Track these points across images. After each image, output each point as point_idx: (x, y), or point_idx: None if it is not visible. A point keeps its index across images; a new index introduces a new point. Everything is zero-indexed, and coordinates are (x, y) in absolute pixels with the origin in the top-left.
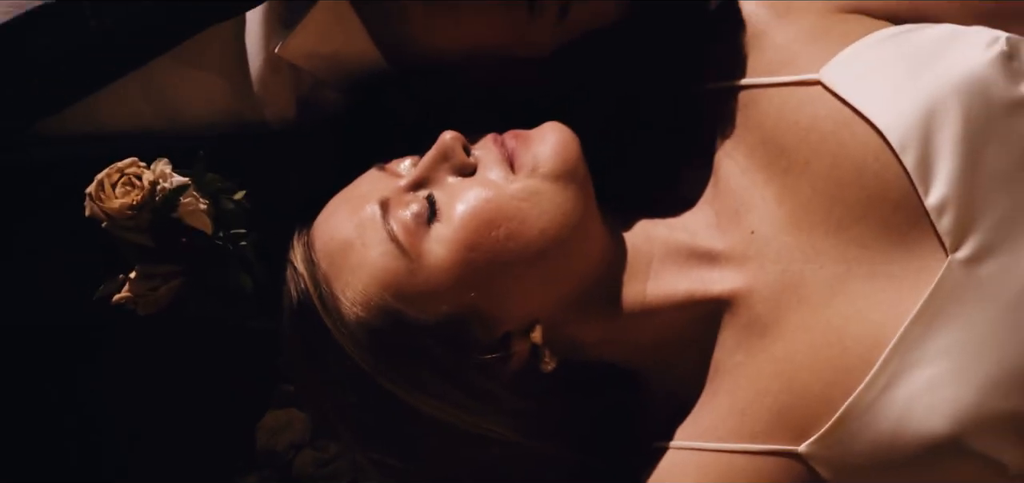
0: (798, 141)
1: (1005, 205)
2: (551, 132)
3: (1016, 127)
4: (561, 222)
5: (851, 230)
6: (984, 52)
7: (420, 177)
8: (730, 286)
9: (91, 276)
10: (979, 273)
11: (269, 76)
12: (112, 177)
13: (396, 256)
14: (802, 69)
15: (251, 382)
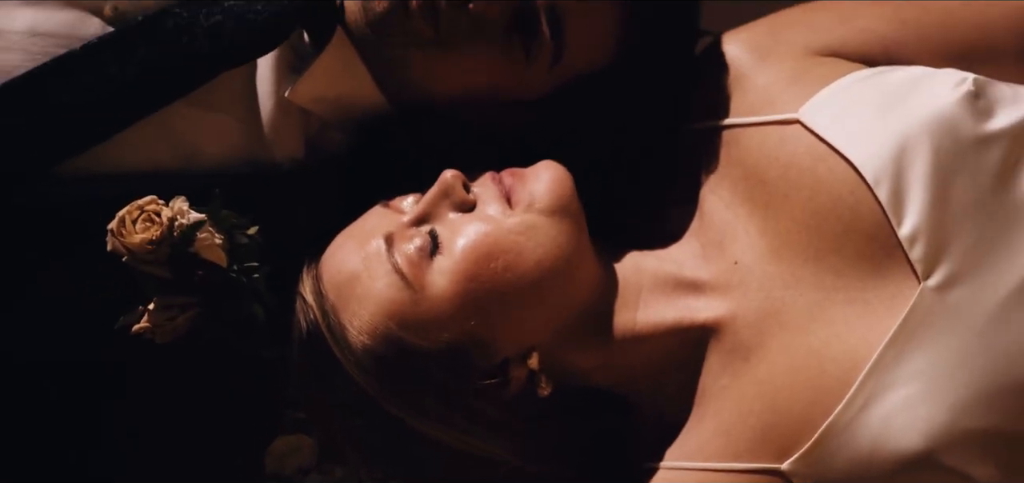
0: (778, 176)
1: (974, 235)
2: (546, 170)
3: (983, 161)
4: (556, 254)
5: (829, 259)
6: (952, 92)
7: (422, 213)
8: (715, 313)
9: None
10: (950, 299)
11: (279, 119)
12: (133, 214)
13: (400, 287)
14: (782, 109)
15: (261, 409)
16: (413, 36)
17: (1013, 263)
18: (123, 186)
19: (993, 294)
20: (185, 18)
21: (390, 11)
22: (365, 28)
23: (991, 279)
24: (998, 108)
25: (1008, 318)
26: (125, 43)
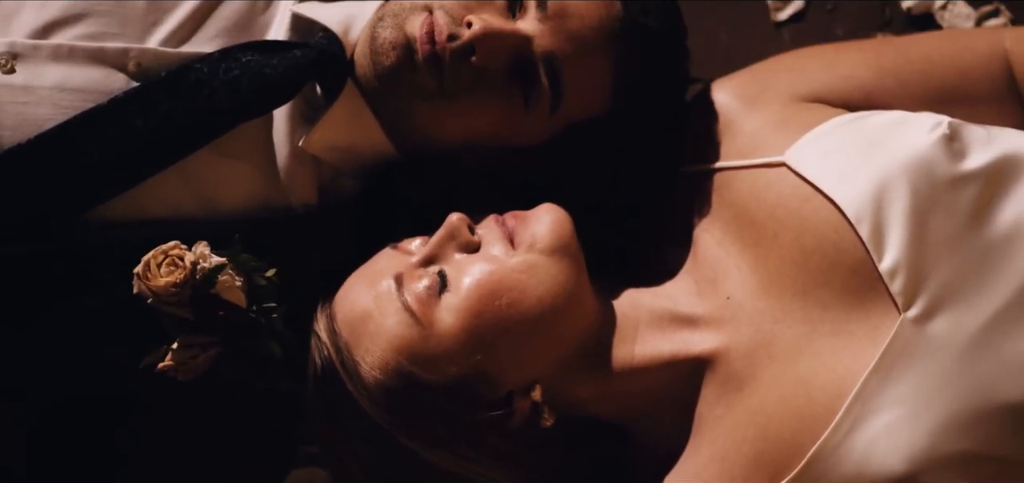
0: (767, 216)
1: (950, 268)
2: (546, 212)
3: (958, 200)
4: (557, 292)
5: (815, 293)
6: (928, 135)
7: (430, 254)
8: (709, 346)
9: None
10: (929, 329)
11: (294, 166)
12: (157, 258)
13: (410, 325)
14: (769, 153)
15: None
16: (419, 88)
17: (988, 295)
18: (148, 232)
19: (970, 324)
20: (205, 73)
21: (398, 65)
22: (374, 81)
23: (968, 310)
24: (972, 149)
25: (985, 346)
26: (149, 97)
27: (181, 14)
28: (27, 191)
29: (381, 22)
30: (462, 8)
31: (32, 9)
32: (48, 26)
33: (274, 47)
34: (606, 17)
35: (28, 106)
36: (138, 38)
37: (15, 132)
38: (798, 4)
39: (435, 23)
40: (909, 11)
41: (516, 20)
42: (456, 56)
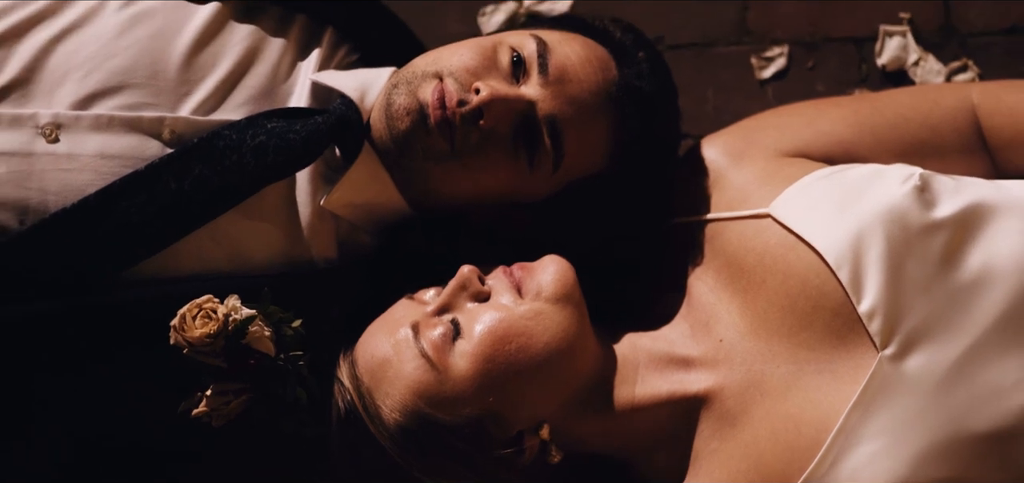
0: (755, 264)
1: (925, 309)
2: (551, 263)
3: (930, 245)
4: (562, 337)
5: (800, 335)
6: (901, 186)
7: (444, 304)
8: (704, 385)
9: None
10: (905, 366)
11: (316, 224)
12: (192, 311)
13: (427, 369)
14: (756, 205)
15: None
16: (432, 150)
17: (960, 333)
18: (182, 287)
19: (943, 360)
20: (234, 139)
21: (412, 129)
22: (389, 144)
23: (941, 347)
24: (942, 199)
25: (957, 380)
26: (182, 163)
27: (210, 84)
28: (71, 252)
29: (395, 89)
30: (470, 75)
31: (73, 82)
32: (88, 97)
33: (297, 114)
34: (603, 81)
35: (71, 172)
36: (171, 107)
37: (59, 197)
38: (780, 63)
39: (446, 90)
40: (884, 68)
41: (520, 85)
42: (466, 120)
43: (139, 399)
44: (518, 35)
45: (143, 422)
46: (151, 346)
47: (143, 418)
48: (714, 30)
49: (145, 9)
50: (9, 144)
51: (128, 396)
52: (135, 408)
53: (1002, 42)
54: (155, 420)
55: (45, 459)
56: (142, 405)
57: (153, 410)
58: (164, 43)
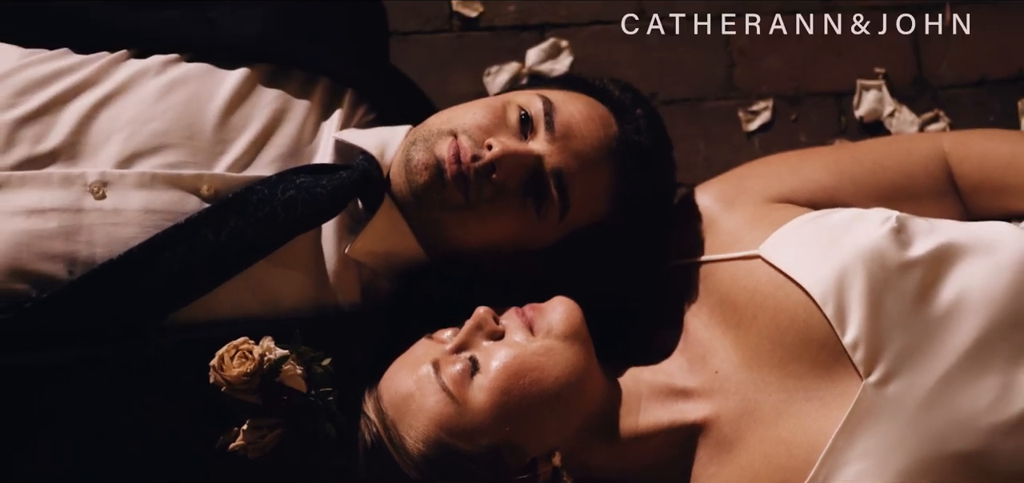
0: (747, 301)
1: (904, 339)
2: (560, 303)
3: (907, 281)
4: (571, 371)
5: (790, 366)
6: (880, 228)
7: (462, 342)
8: (702, 414)
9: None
10: (887, 392)
11: (341, 271)
12: (230, 352)
13: (448, 403)
14: (746, 247)
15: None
16: (448, 202)
17: (936, 361)
18: (219, 330)
19: (922, 386)
20: (266, 194)
21: (429, 182)
22: (409, 196)
23: (920, 374)
24: (917, 239)
25: (935, 404)
26: (219, 216)
27: (243, 143)
28: (118, 300)
29: (413, 145)
30: (482, 132)
31: (118, 143)
32: (132, 157)
33: (323, 169)
34: (604, 137)
35: (117, 227)
36: (208, 165)
37: (106, 249)
38: (766, 116)
39: (460, 146)
40: (862, 119)
41: (528, 141)
42: (479, 174)
43: (179, 434)
44: (525, 95)
45: (182, 456)
46: (191, 386)
47: (182, 452)
48: (704, 87)
49: (181, 75)
50: (60, 201)
51: (169, 432)
52: (175, 443)
53: (971, 94)
54: (194, 454)
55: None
56: (182, 440)
57: (192, 444)
58: (199, 106)
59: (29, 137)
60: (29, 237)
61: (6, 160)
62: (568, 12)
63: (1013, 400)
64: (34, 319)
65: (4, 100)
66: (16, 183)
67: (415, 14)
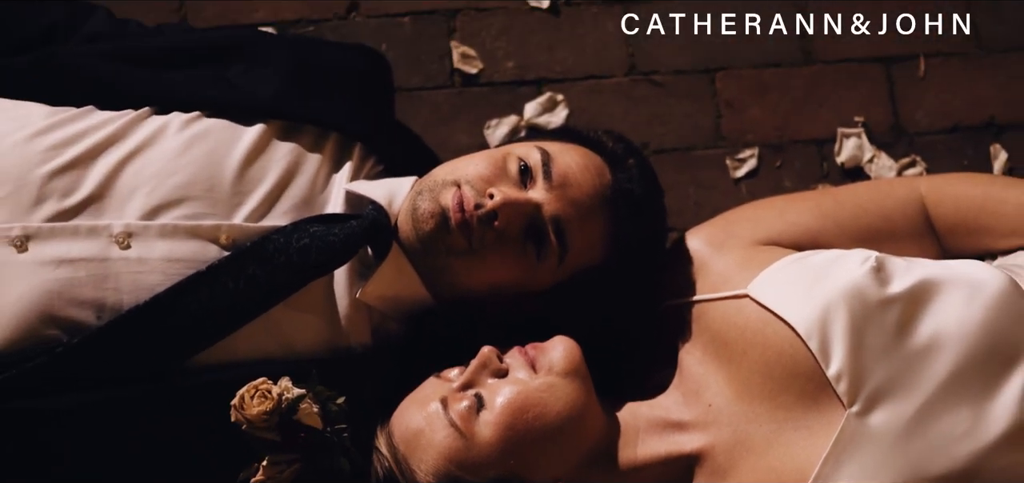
0: (737, 338)
1: (884, 371)
2: (560, 342)
3: (886, 317)
4: (572, 406)
5: (779, 398)
6: (860, 267)
7: (468, 380)
8: (697, 445)
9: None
10: (869, 421)
11: (352, 314)
12: (250, 392)
13: (456, 437)
14: (735, 287)
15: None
16: (453, 248)
17: (915, 391)
18: (238, 371)
19: (903, 414)
20: (282, 242)
21: (435, 230)
22: (416, 243)
23: (900, 404)
24: (895, 277)
25: (915, 432)
26: (238, 264)
27: (259, 195)
28: (144, 344)
29: (420, 195)
30: (484, 182)
31: (141, 196)
32: (155, 209)
33: (334, 219)
34: (600, 185)
35: (142, 274)
36: (226, 216)
37: (132, 296)
38: (752, 163)
39: (464, 196)
40: (843, 165)
41: (528, 190)
42: (482, 221)
43: (202, 471)
44: (524, 146)
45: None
46: (213, 424)
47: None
48: (693, 136)
49: (201, 131)
50: (87, 251)
51: (192, 469)
52: (198, 479)
53: (945, 140)
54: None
55: None
56: (204, 477)
57: (214, 481)
58: (218, 160)
59: (58, 191)
60: (60, 285)
61: (37, 213)
62: (563, 68)
63: (987, 427)
64: (66, 363)
65: (35, 156)
66: (46, 235)
67: (419, 71)
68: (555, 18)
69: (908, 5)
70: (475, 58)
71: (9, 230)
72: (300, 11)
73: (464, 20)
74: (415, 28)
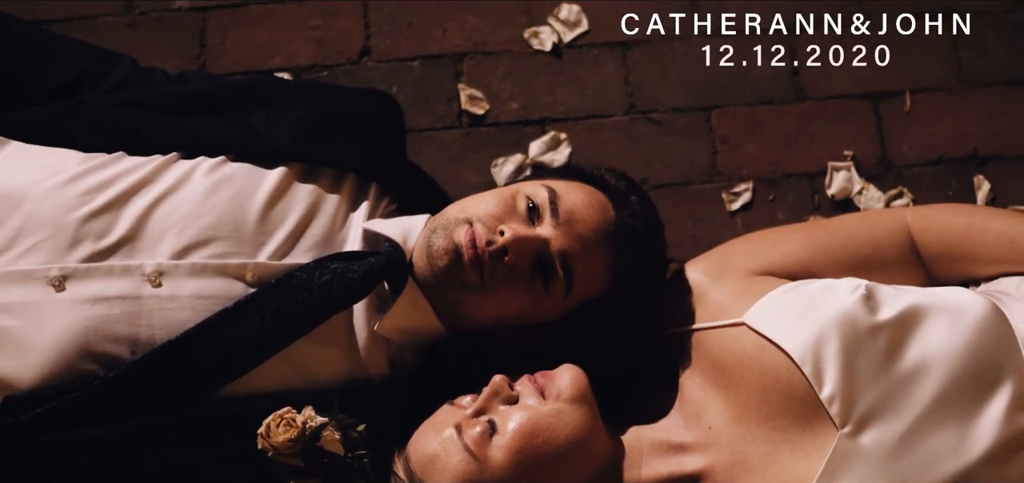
0: (735, 363)
1: (874, 394)
2: (567, 370)
3: (876, 342)
4: (579, 430)
5: (775, 420)
6: (850, 295)
7: (480, 407)
8: (698, 466)
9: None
10: (860, 441)
11: (371, 346)
12: (276, 421)
13: (470, 461)
14: (732, 315)
15: None
16: (465, 282)
17: (904, 412)
18: (264, 402)
19: (892, 434)
20: (304, 279)
21: (449, 266)
22: (430, 278)
23: (889, 424)
24: (884, 304)
25: (904, 450)
26: (263, 300)
27: (281, 235)
28: (176, 376)
29: (434, 233)
30: (494, 220)
31: (171, 237)
32: (184, 249)
33: (353, 256)
34: (603, 221)
35: (173, 311)
36: (252, 254)
37: (163, 331)
38: (747, 197)
39: (476, 233)
40: (833, 197)
41: (536, 227)
42: (493, 257)
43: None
44: (532, 185)
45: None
46: (240, 452)
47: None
48: (690, 172)
49: (226, 175)
50: (121, 290)
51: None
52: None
53: (930, 172)
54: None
55: None
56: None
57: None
58: (242, 202)
59: (93, 233)
60: (96, 322)
61: (73, 255)
62: (565, 108)
63: (972, 445)
64: (102, 396)
65: (69, 201)
66: (82, 274)
67: (428, 113)
68: (557, 60)
69: (894, 43)
70: (482, 99)
71: (48, 271)
72: (314, 56)
73: (471, 64)
74: (424, 72)
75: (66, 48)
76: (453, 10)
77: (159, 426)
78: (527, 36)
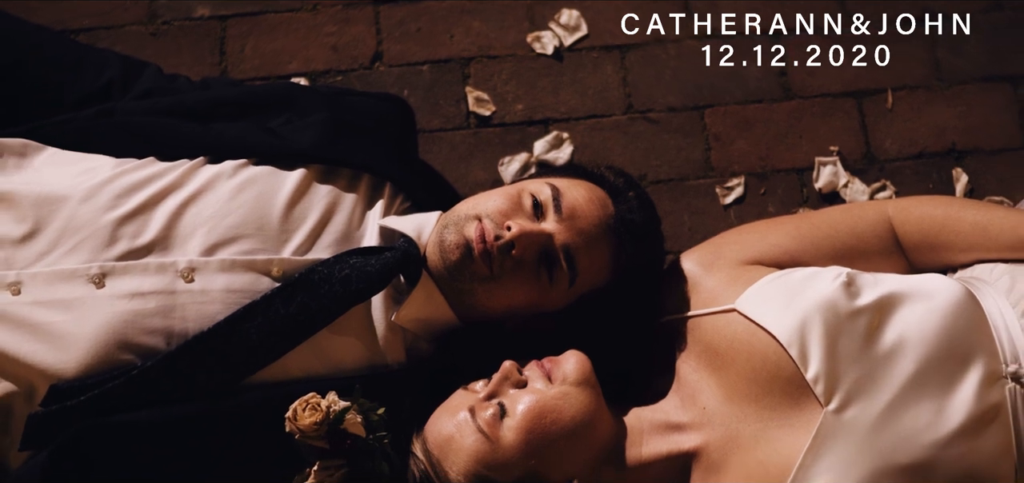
0: (726, 348)
1: (856, 373)
2: (572, 355)
3: (856, 326)
4: (584, 411)
5: (764, 399)
6: (833, 282)
7: (491, 391)
8: (694, 444)
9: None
10: (844, 417)
11: (388, 336)
12: (302, 406)
13: (483, 441)
14: (724, 302)
15: None
16: (476, 274)
17: (883, 390)
18: (289, 388)
19: (872, 411)
20: (326, 273)
21: (461, 259)
22: (443, 271)
23: (870, 401)
24: (864, 290)
25: (884, 425)
26: (288, 293)
27: (304, 232)
28: (207, 366)
29: (446, 229)
30: (502, 216)
31: (201, 235)
32: (214, 246)
33: (371, 251)
34: (604, 216)
35: (205, 305)
36: (276, 251)
37: (196, 323)
38: (739, 191)
39: (485, 228)
40: (820, 191)
41: (541, 222)
42: (501, 251)
43: (259, 477)
44: (536, 183)
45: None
46: (269, 435)
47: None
48: (685, 168)
49: (250, 177)
50: (157, 285)
51: (250, 476)
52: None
53: (912, 165)
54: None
55: None
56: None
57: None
58: (266, 202)
59: (128, 233)
60: (133, 316)
61: (110, 253)
62: (567, 108)
63: (947, 419)
64: (140, 384)
65: (106, 203)
66: (120, 272)
67: (437, 114)
68: (559, 63)
69: (877, 43)
70: (488, 101)
71: (89, 269)
72: (329, 62)
73: (477, 67)
74: (433, 75)
75: (94, 57)
76: (459, 16)
77: (193, 412)
78: (530, 40)
